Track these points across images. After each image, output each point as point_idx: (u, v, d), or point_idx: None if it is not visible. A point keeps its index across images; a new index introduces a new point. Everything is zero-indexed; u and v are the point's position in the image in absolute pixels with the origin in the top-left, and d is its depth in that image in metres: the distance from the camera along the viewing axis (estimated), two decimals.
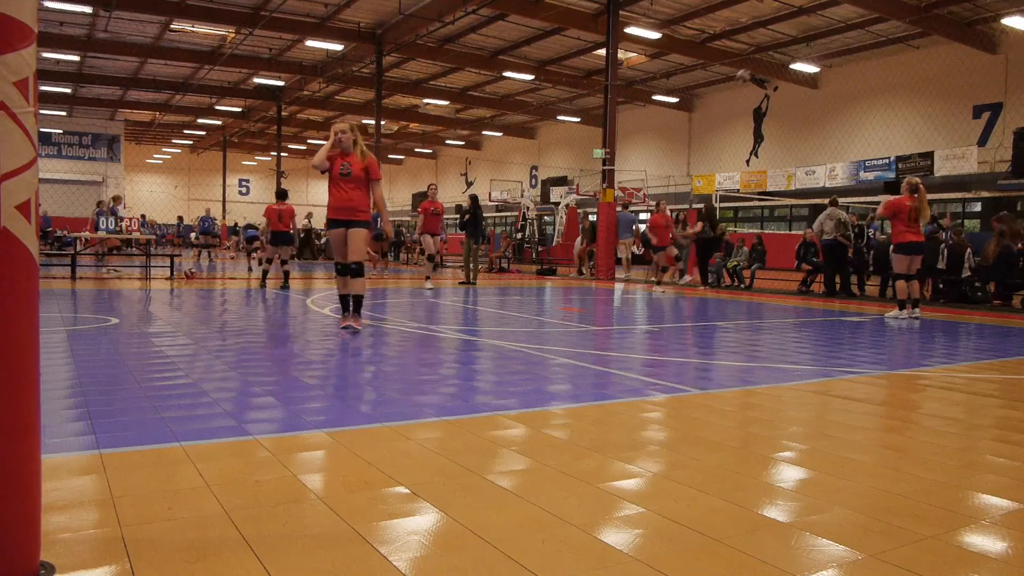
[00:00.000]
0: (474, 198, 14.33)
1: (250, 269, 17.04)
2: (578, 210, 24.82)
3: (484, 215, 17.06)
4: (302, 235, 25.34)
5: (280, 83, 29.48)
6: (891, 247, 8.95)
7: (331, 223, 6.24)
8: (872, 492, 2.36)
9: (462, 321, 7.66)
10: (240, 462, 2.50)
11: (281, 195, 12.25)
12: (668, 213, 14.34)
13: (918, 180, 8.73)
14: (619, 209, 17.64)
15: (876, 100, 22.68)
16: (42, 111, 28.81)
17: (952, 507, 2.24)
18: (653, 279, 14.15)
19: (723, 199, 24.72)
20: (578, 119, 31.39)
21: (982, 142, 19.91)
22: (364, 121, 34.37)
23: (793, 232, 23.22)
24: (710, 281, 15.31)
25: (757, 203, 25.60)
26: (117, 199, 17.18)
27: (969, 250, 11.76)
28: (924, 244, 8.94)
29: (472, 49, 24.20)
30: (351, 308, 6.29)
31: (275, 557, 1.76)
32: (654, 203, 15.26)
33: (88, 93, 31.58)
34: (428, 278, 12.69)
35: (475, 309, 8.98)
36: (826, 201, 13.29)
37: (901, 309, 8.69)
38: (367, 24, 22.24)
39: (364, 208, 6.18)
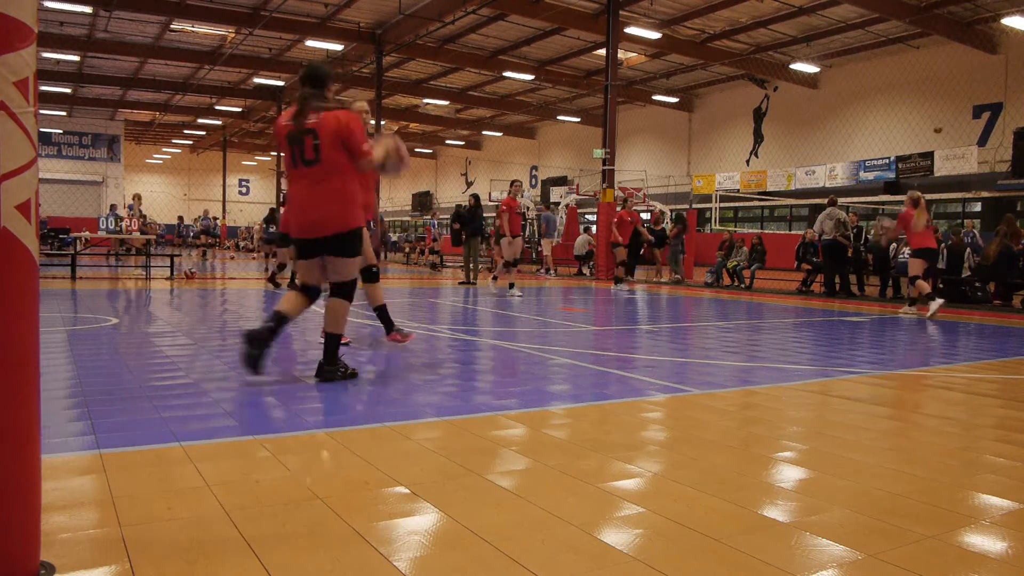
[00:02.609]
0: (476, 197, 14.35)
1: (267, 269, 16.98)
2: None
3: (484, 215, 16.92)
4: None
5: (280, 83, 29.46)
6: (910, 252, 9.54)
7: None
8: (872, 492, 2.36)
9: (462, 321, 7.66)
10: (240, 462, 2.50)
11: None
12: (634, 211, 14.16)
13: (919, 194, 9.49)
14: (543, 210, 17.35)
15: (876, 100, 22.68)
16: (42, 111, 28.79)
17: (952, 507, 2.24)
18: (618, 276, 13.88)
19: (723, 199, 24.77)
20: (578, 119, 31.39)
21: (982, 142, 19.91)
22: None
23: (793, 232, 23.22)
24: (709, 281, 15.33)
25: (757, 203, 25.60)
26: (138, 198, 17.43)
27: (969, 250, 11.76)
28: (937, 251, 9.66)
29: (472, 49, 24.19)
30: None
31: (275, 557, 1.76)
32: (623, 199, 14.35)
33: (88, 93, 31.56)
34: (512, 284, 11.21)
35: (475, 309, 8.98)
36: (825, 201, 13.30)
37: (931, 300, 9.18)
38: (367, 24, 22.23)
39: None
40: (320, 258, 4.00)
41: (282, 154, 4.25)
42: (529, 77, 25.96)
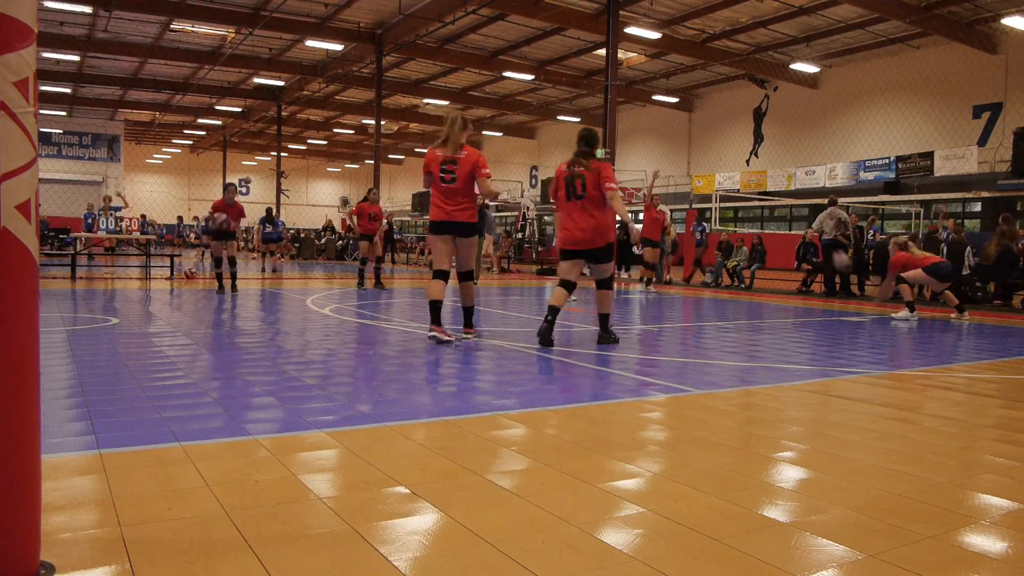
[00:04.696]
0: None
1: (263, 270, 17.06)
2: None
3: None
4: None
5: (280, 83, 29.46)
6: (922, 269, 9.05)
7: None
8: (872, 492, 2.36)
9: (462, 321, 7.64)
10: (240, 462, 2.50)
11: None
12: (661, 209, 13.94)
13: (905, 238, 9.52)
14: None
15: (876, 100, 22.66)
16: (42, 111, 28.77)
17: (952, 507, 2.24)
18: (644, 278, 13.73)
19: (723, 199, 24.75)
20: (578, 119, 31.36)
21: (982, 142, 19.90)
22: (364, 121, 34.42)
23: (793, 232, 23.22)
24: (708, 281, 15.34)
25: (757, 203, 25.59)
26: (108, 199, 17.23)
27: (969, 248, 11.76)
28: (951, 269, 9.16)
29: (472, 49, 24.18)
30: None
31: (275, 557, 1.76)
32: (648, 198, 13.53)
33: (88, 93, 31.55)
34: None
35: (476, 309, 8.97)
36: (825, 201, 13.30)
37: (912, 311, 8.97)
38: (367, 24, 22.23)
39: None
40: (580, 261, 5.81)
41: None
42: (529, 77, 25.94)
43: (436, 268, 5.83)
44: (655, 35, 20.23)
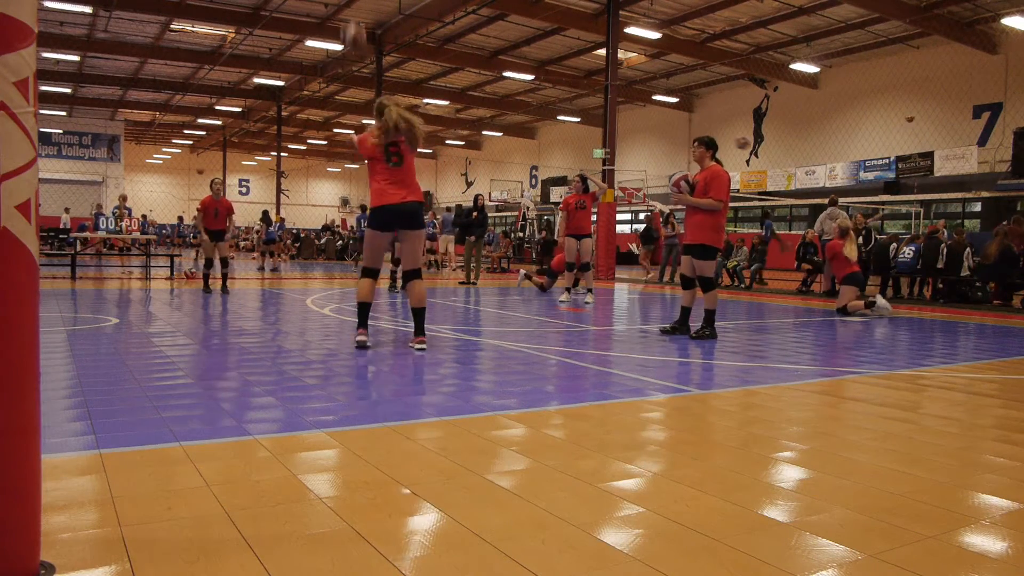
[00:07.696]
0: (478, 197, 14.40)
1: (261, 268, 17.26)
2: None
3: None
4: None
5: (280, 83, 29.46)
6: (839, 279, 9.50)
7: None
8: (872, 492, 2.36)
9: (463, 321, 7.65)
10: (240, 462, 2.50)
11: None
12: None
13: (849, 225, 9.59)
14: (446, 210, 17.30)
15: (876, 100, 22.67)
16: (42, 111, 28.77)
17: (952, 507, 2.24)
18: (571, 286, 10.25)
19: None
20: (578, 119, 31.38)
21: (982, 142, 19.91)
22: (364, 121, 34.41)
23: (793, 232, 23.22)
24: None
25: (757, 203, 25.59)
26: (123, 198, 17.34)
27: (969, 249, 11.75)
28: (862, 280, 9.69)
29: (472, 49, 24.19)
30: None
31: (275, 557, 1.76)
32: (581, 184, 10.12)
33: (88, 93, 31.55)
34: (569, 288, 10.06)
35: (476, 310, 8.97)
36: (826, 201, 13.29)
37: (871, 306, 9.21)
38: (367, 24, 22.22)
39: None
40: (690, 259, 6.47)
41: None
42: (529, 77, 25.95)
43: (368, 266, 5.35)
44: (655, 35, 20.24)
